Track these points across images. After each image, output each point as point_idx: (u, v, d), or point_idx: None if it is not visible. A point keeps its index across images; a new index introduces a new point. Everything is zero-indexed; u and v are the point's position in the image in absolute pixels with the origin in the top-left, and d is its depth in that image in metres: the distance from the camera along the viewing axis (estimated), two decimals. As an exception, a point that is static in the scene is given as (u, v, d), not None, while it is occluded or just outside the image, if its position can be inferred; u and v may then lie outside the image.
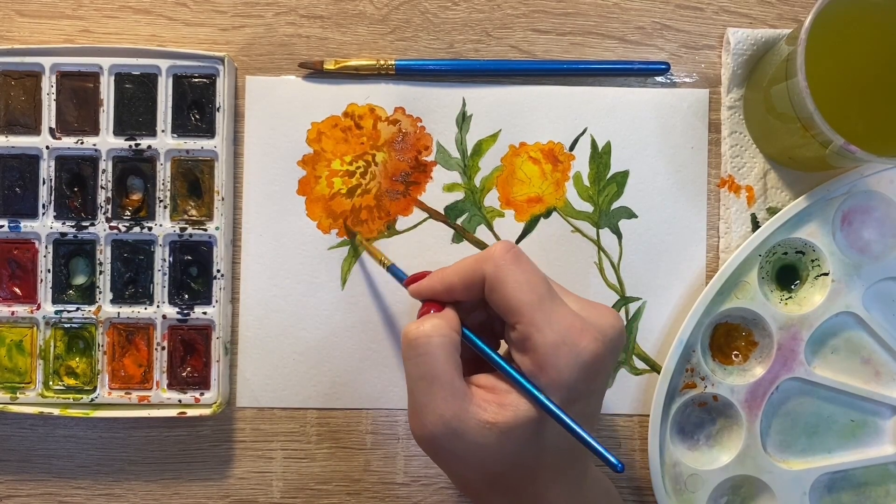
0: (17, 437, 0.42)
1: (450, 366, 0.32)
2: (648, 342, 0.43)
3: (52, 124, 0.41)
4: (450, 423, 0.31)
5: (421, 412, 0.32)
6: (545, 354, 0.31)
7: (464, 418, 0.31)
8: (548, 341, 0.31)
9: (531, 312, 0.31)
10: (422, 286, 0.35)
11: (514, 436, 0.31)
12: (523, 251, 0.33)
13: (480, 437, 0.31)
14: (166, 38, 0.43)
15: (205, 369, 0.41)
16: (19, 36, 0.43)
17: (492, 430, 0.31)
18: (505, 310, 0.32)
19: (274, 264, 0.42)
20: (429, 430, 0.31)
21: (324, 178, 0.42)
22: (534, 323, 0.31)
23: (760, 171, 0.42)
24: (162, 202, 0.41)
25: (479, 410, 0.31)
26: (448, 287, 0.34)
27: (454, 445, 0.31)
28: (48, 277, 0.41)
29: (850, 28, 0.36)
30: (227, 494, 0.42)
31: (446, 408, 0.31)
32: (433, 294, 0.34)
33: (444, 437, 0.31)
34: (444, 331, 0.32)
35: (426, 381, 0.32)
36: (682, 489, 0.42)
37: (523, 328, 0.31)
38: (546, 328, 0.31)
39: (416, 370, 0.32)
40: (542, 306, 0.31)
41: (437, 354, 0.31)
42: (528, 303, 0.31)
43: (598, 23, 0.43)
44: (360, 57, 0.43)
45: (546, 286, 0.32)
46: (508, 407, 0.31)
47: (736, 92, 0.42)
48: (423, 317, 0.33)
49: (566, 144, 0.43)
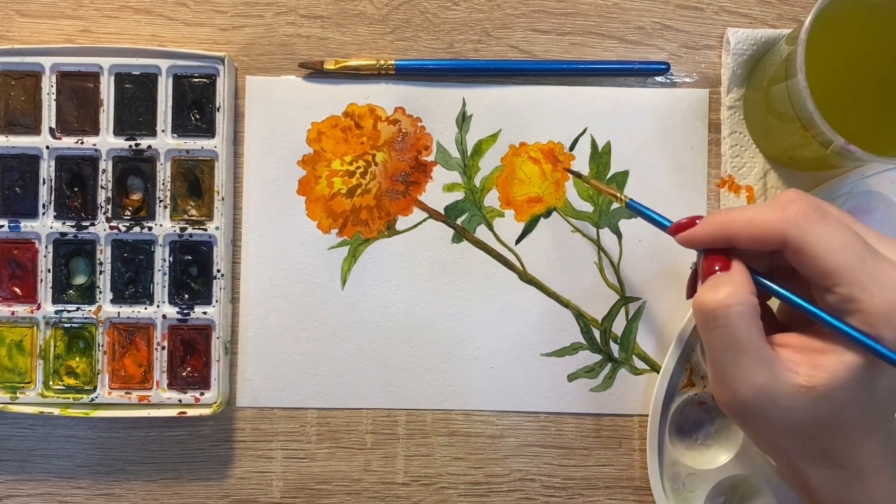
0: (17, 437, 0.42)
1: (753, 333, 0.30)
2: (648, 342, 0.43)
3: (52, 124, 0.41)
4: (761, 391, 0.30)
5: (730, 383, 0.30)
6: (876, 315, 0.29)
7: (776, 385, 0.30)
8: (877, 302, 0.29)
9: (851, 273, 0.29)
10: (697, 235, 0.32)
11: (831, 398, 0.30)
12: (825, 203, 0.31)
13: (794, 402, 0.30)
14: (166, 38, 0.43)
15: (205, 369, 0.41)
16: (19, 36, 0.43)
17: (807, 393, 0.30)
18: (817, 273, 0.30)
19: (274, 264, 0.42)
20: (740, 399, 0.30)
21: (324, 178, 0.42)
22: (857, 283, 0.29)
23: (760, 171, 0.42)
24: (162, 202, 0.41)
25: (790, 375, 0.30)
26: (730, 238, 0.31)
27: (767, 413, 0.30)
28: (48, 277, 0.41)
29: (850, 28, 0.36)
30: (227, 494, 0.42)
31: (756, 376, 0.30)
32: (709, 244, 0.32)
33: (756, 406, 0.30)
34: (743, 296, 0.30)
35: (731, 352, 0.30)
36: (680, 488, 0.42)
37: (845, 290, 0.29)
38: (873, 288, 0.29)
39: (717, 342, 0.31)
40: (864, 265, 0.29)
41: (738, 324, 0.30)
42: (846, 264, 0.29)
43: (598, 23, 0.43)
44: (360, 57, 0.43)
45: (862, 242, 0.30)
46: (823, 368, 0.30)
47: (736, 92, 0.42)
48: (715, 281, 0.31)
49: (566, 144, 0.43)
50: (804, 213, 0.30)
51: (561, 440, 0.43)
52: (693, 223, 0.33)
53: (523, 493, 0.42)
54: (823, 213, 0.30)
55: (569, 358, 0.43)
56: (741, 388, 0.30)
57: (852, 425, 0.31)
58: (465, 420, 0.43)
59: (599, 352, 0.43)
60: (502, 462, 0.43)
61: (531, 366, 0.42)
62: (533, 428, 0.43)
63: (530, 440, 0.43)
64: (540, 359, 0.42)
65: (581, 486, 0.43)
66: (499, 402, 0.42)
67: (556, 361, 0.42)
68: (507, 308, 0.43)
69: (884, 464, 0.32)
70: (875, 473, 0.31)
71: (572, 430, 0.43)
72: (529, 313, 0.42)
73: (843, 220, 0.31)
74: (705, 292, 0.31)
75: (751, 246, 0.31)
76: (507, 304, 0.43)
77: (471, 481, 0.42)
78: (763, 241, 0.31)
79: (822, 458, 0.32)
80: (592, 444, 0.43)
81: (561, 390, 0.42)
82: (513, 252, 0.43)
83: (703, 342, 0.32)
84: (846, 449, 0.31)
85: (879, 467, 0.31)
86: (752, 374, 0.30)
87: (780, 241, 0.30)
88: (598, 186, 0.40)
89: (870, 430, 0.31)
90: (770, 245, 0.30)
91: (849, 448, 0.31)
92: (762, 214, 0.31)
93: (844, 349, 0.30)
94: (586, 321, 0.43)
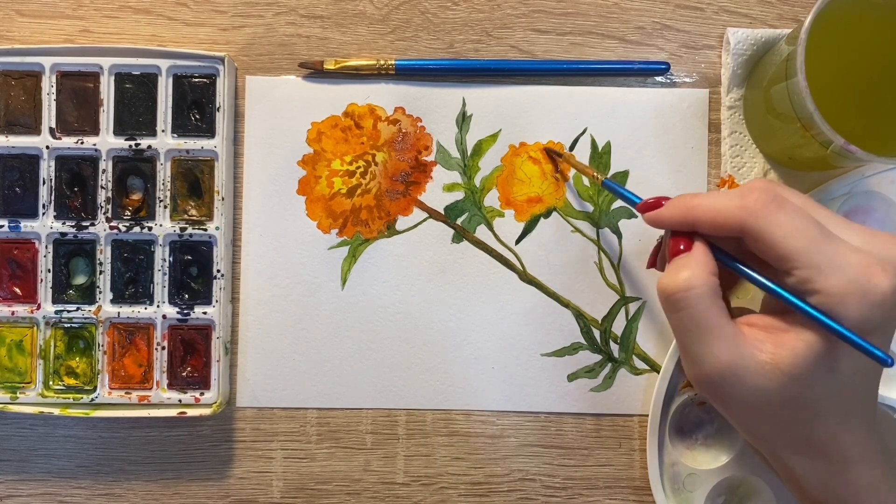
0: (17, 437, 0.42)
1: (715, 313, 0.31)
2: (648, 342, 0.43)
3: (52, 124, 0.41)
4: (727, 367, 0.30)
5: (696, 362, 0.31)
6: (832, 296, 0.29)
7: (741, 362, 0.30)
8: (832, 283, 0.29)
9: (808, 257, 0.29)
10: (661, 216, 0.33)
11: (795, 376, 0.30)
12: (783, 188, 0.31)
13: (761, 379, 0.30)
14: (166, 38, 0.43)
15: (205, 369, 0.41)
16: (19, 36, 0.43)
17: (772, 370, 0.30)
18: (775, 258, 0.30)
19: (274, 264, 0.42)
20: (706, 377, 0.31)
21: (324, 178, 0.42)
22: (813, 266, 0.29)
23: (760, 171, 0.42)
24: (162, 202, 0.41)
25: (754, 352, 0.30)
26: (692, 223, 0.32)
27: (735, 390, 0.31)
28: (48, 277, 0.41)
29: (850, 28, 0.36)
30: (227, 494, 0.42)
31: (721, 354, 0.30)
32: (673, 226, 0.33)
33: (724, 383, 0.31)
34: (702, 279, 0.31)
35: (694, 333, 0.31)
36: (680, 488, 0.42)
37: (802, 273, 0.30)
38: (829, 270, 0.29)
39: (680, 324, 0.31)
40: (820, 249, 0.29)
41: (698, 306, 0.30)
42: (802, 249, 0.29)
43: (598, 23, 0.43)
44: (360, 57, 0.43)
45: (818, 226, 0.30)
46: (785, 346, 0.30)
47: (736, 92, 0.42)
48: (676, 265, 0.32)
49: (566, 144, 0.43)
50: (762, 201, 0.30)
51: (561, 440, 0.43)
52: (659, 204, 0.34)
53: (523, 493, 0.42)
54: (780, 201, 0.30)
55: (569, 358, 0.43)
56: (706, 367, 0.31)
57: (824, 408, 0.31)
58: (465, 420, 0.43)
59: (599, 352, 0.43)
60: (502, 462, 0.43)
61: (531, 366, 0.42)
62: (533, 428, 0.43)
63: (530, 440, 0.43)
64: (540, 359, 0.42)
65: (581, 486, 0.43)
66: (499, 402, 0.42)
67: (556, 361, 0.42)
68: (507, 308, 0.43)
69: (866, 452, 0.32)
70: (858, 462, 0.32)
71: (572, 430, 0.43)
72: (529, 313, 0.42)
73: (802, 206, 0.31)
74: (667, 276, 0.32)
75: (712, 232, 0.32)
76: (507, 304, 0.43)
77: (471, 481, 0.42)
78: (723, 229, 0.31)
79: (803, 445, 0.32)
80: (592, 444, 0.43)
81: (561, 390, 0.42)
82: (513, 252, 0.43)
83: (670, 325, 0.32)
84: (825, 437, 0.31)
85: (861, 455, 0.32)
86: (716, 352, 0.30)
87: (739, 229, 0.31)
88: (575, 165, 0.40)
89: (845, 415, 0.31)
90: (730, 232, 0.31)
91: (827, 436, 0.31)
92: (723, 202, 0.31)
93: (804, 328, 0.30)
94: (586, 321, 0.43)
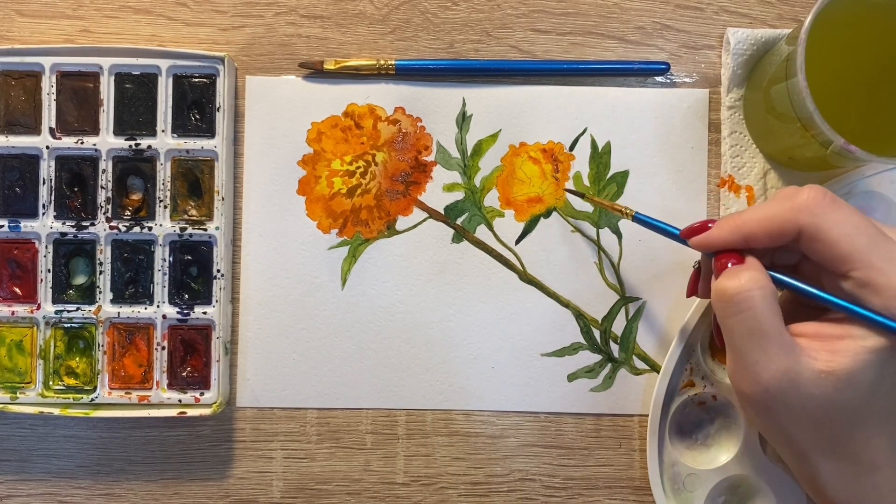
0: (17, 437, 0.42)
1: (776, 317, 0.30)
2: (648, 342, 0.43)
3: (52, 124, 0.41)
4: (785, 375, 0.30)
5: (753, 368, 0.31)
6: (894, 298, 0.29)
7: (798, 370, 0.30)
8: (894, 283, 0.29)
9: (868, 256, 0.29)
10: (712, 238, 0.33)
11: (851, 382, 0.30)
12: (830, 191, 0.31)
13: (815, 388, 0.30)
14: (166, 38, 0.43)
15: (205, 369, 0.41)
16: (19, 36, 0.43)
17: (828, 378, 0.30)
18: (833, 259, 0.30)
19: (274, 264, 0.42)
20: (764, 385, 0.31)
21: (324, 178, 0.42)
22: (873, 266, 0.29)
23: (760, 171, 0.42)
24: (162, 202, 0.41)
25: (811, 361, 0.30)
26: (746, 237, 0.32)
27: (789, 398, 0.30)
28: (48, 277, 0.41)
29: (850, 28, 0.36)
30: (227, 494, 0.42)
31: (780, 361, 0.30)
32: (726, 245, 0.33)
33: (779, 391, 0.30)
34: (763, 282, 0.31)
35: (754, 337, 0.30)
36: (680, 489, 0.42)
37: (861, 273, 0.30)
38: (889, 269, 0.29)
39: (741, 326, 0.31)
40: (878, 247, 0.30)
41: (761, 308, 0.30)
42: (862, 247, 0.29)
43: (598, 23, 0.43)
44: (360, 57, 0.43)
45: (873, 225, 0.30)
46: (841, 353, 0.30)
47: (736, 92, 0.42)
48: (736, 269, 0.32)
49: (566, 144, 0.43)
50: (815, 199, 0.30)
51: (561, 440, 0.43)
52: (706, 227, 0.33)
53: (523, 493, 0.42)
54: (834, 198, 0.31)
55: (569, 358, 0.43)
56: (764, 374, 0.30)
57: (867, 413, 0.31)
58: (465, 420, 0.43)
59: (599, 352, 0.43)
60: (502, 462, 0.43)
61: (531, 366, 0.42)
62: (533, 428, 0.43)
63: (530, 440, 0.43)
64: (540, 359, 0.42)
65: (581, 486, 0.43)
66: (499, 402, 0.42)
67: (556, 361, 0.42)
68: (507, 308, 0.43)
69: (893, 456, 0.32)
70: (885, 466, 0.31)
71: (572, 430, 0.43)
72: (529, 313, 0.42)
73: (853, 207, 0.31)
74: (725, 279, 0.31)
75: (768, 242, 0.31)
76: (507, 304, 0.43)
77: (471, 481, 0.42)
78: (780, 234, 0.31)
79: (834, 449, 0.32)
80: (592, 444, 0.43)
81: (561, 390, 0.42)
82: (513, 252, 0.43)
83: (724, 329, 0.32)
84: (861, 440, 0.31)
85: (889, 460, 0.32)
86: (775, 359, 0.30)
87: (796, 230, 0.31)
88: (600, 203, 0.40)
89: (882, 418, 0.31)
90: (787, 237, 0.31)
91: (862, 439, 0.31)
92: (773, 209, 0.31)
93: (864, 333, 0.30)
94: (586, 321, 0.43)
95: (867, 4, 0.36)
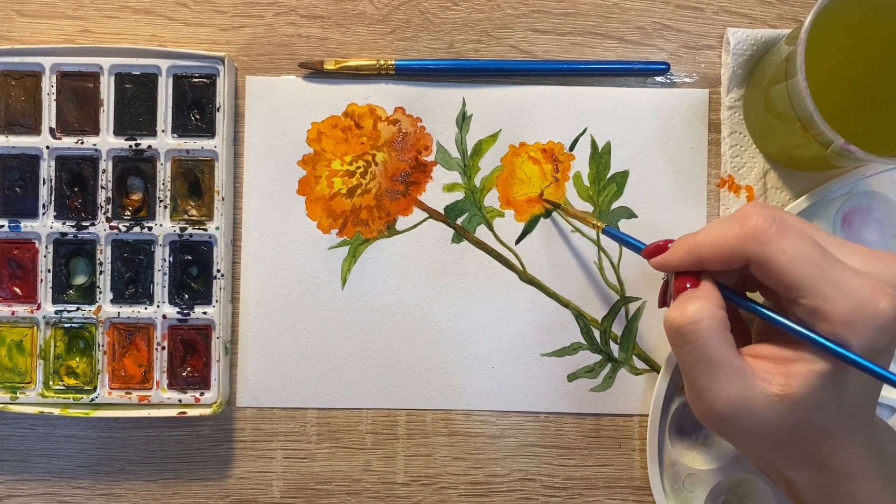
0: (17, 437, 0.42)
1: (724, 346, 0.30)
2: (648, 342, 0.43)
3: (53, 124, 0.41)
4: (736, 402, 0.30)
5: (704, 396, 0.31)
6: (840, 324, 0.29)
7: (750, 395, 0.30)
8: (840, 310, 0.29)
9: (813, 284, 0.29)
10: (667, 260, 0.33)
11: (805, 404, 0.30)
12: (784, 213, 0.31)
13: (769, 411, 0.30)
14: (166, 38, 0.43)
15: (205, 369, 0.41)
16: (19, 36, 0.43)
17: (781, 402, 0.30)
18: (781, 286, 0.30)
19: (274, 264, 0.42)
20: (717, 412, 0.31)
21: (324, 178, 0.42)
22: (819, 294, 0.29)
23: (760, 171, 0.42)
24: (162, 202, 0.41)
25: (764, 385, 0.30)
26: (699, 261, 0.32)
27: (743, 423, 0.31)
28: (48, 277, 0.41)
29: (850, 28, 0.36)
30: (227, 494, 0.42)
31: (730, 389, 0.30)
32: (681, 268, 0.33)
33: (732, 417, 0.31)
34: (710, 311, 0.31)
35: (703, 366, 0.31)
36: (680, 489, 0.42)
37: (809, 301, 0.30)
38: (835, 296, 0.29)
39: (689, 356, 0.31)
40: (824, 275, 0.29)
41: (708, 339, 0.30)
42: (808, 275, 0.29)
43: (598, 23, 0.43)
44: (360, 57, 0.43)
45: (821, 251, 0.30)
46: (796, 377, 0.30)
47: (736, 92, 0.42)
48: (684, 299, 0.32)
49: (566, 144, 0.43)
50: (762, 228, 0.30)
51: (561, 440, 0.43)
52: (665, 247, 0.34)
53: (523, 493, 0.42)
54: (781, 224, 0.30)
55: (568, 358, 0.43)
56: (716, 402, 0.31)
57: (829, 428, 0.31)
58: (465, 420, 0.43)
59: (599, 352, 0.43)
60: (502, 462, 0.43)
61: (531, 366, 0.42)
62: (533, 428, 0.43)
63: (530, 440, 0.43)
64: (540, 359, 0.42)
65: (581, 486, 0.43)
66: (499, 402, 0.42)
67: (556, 361, 0.42)
68: (507, 308, 0.43)
69: (867, 464, 0.32)
70: (859, 475, 0.32)
71: (572, 430, 0.43)
72: (529, 313, 0.42)
73: (803, 229, 0.31)
74: (674, 310, 0.31)
75: (720, 266, 0.32)
76: (506, 304, 0.43)
77: (471, 481, 0.42)
78: (730, 261, 0.31)
79: (805, 462, 0.32)
80: (592, 444, 0.43)
81: (561, 390, 0.42)
82: (513, 252, 0.43)
83: (677, 357, 0.32)
84: (828, 452, 0.32)
85: (863, 468, 0.32)
86: (725, 387, 0.30)
87: (745, 258, 0.31)
88: (574, 214, 0.41)
89: (848, 432, 0.31)
90: (737, 263, 0.31)
91: (830, 451, 0.32)
92: (723, 234, 0.31)
93: (815, 357, 0.30)
94: (586, 321, 0.43)
95: (867, 4, 0.36)
